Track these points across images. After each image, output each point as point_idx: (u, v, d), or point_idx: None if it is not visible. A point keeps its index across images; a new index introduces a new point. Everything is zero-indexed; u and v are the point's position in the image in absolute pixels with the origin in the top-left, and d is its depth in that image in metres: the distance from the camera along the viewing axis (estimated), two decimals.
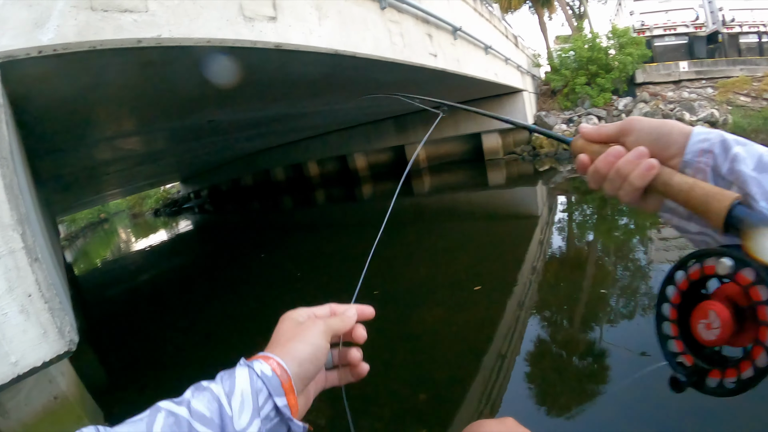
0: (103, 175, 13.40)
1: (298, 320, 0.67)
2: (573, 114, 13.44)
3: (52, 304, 2.16)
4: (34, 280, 2.10)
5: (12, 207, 2.10)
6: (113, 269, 14.27)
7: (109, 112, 5.14)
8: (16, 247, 2.08)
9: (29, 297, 2.09)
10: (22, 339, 2.10)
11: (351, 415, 0.72)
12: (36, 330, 2.12)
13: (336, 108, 10.01)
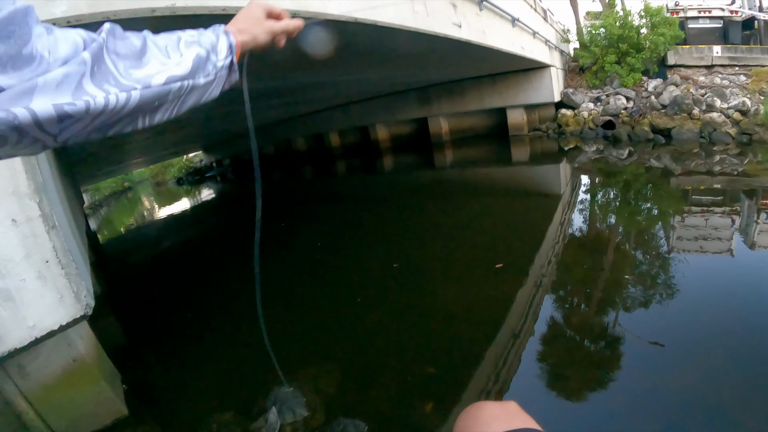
0: (126, 144, 13.53)
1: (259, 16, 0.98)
2: (601, 93, 13.03)
3: (69, 269, 2.20)
4: (51, 247, 2.14)
5: (29, 177, 2.13)
6: (136, 236, 14.52)
7: None
8: (33, 215, 2.11)
9: (46, 263, 2.13)
10: (39, 304, 2.15)
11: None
12: (53, 295, 2.17)
13: (357, 78, 9.90)
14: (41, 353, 3.10)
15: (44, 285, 2.14)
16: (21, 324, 2.16)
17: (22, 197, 2.09)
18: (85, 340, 3.53)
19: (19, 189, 2.09)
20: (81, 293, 2.25)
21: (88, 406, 3.37)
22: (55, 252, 2.15)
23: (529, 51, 10.44)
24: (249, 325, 4.97)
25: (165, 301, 6.37)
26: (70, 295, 2.20)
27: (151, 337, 5.13)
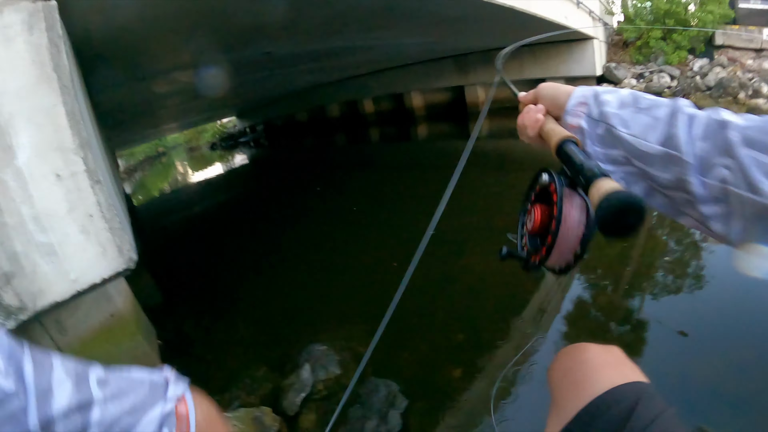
0: (161, 109, 13.70)
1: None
2: (645, 69, 12.49)
3: (112, 224, 2.23)
4: (95, 201, 2.17)
5: (74, 132, 2.14)
6: (170, 200, 14.80)
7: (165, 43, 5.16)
8: (78, 169, 2.14)
9: (90, 217, 2.17)
10: (81, 257, 2.19)
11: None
12: (95, 249, 2.20)
13: (395, 44, 9.77)
14: (79, 308, 3.19)
15: (87, 239, 2.18)
16: (63, 277, 2.20)
17: (66, 152, 2.11)
18: (122, 295, 3.63)
19: (63, 144, 2.11)
20: (124, 247, 2.28)
21: (123, 360, 3.48)
22: (99, 206, 2.18)
23: (572, 21, 10.09)
24: (282, 284, 5.07)
25: (199, 261, 6.50)
26: (113, 249, 2.24)
27: (185, 295, 5.26)
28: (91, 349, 3.33)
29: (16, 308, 2.16)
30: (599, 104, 0.73)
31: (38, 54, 2.11)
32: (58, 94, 2.12)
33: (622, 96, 0.73)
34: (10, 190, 2.06)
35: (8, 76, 2.06)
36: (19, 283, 2.14)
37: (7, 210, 2.06)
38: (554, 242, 0.69)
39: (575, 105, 0.78)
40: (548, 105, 0.84)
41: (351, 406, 2.61)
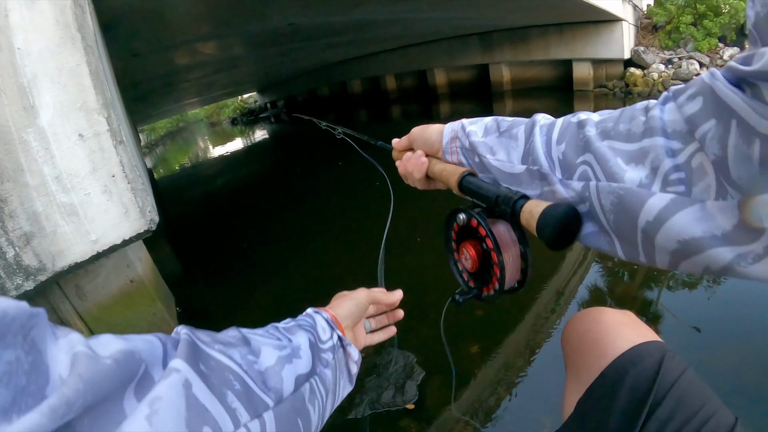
0: (182, 83, 13.73)
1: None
2: (674, 55, 12.11)
3: (135, 184, 2.23)
4: (118, 161, 2.16)
5: (98, 92, 2.13)
6: (190, 175, 14.89)
7: (187, 11, 5.13)
8: (101, 129, 2.13)
9: (113, 177, 2.16)
10: (103, 218, 2.19)
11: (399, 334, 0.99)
12: (117, 209, 2.20)
13: (420, 18, 9.63)
14: (99, 274, 3.22)
15: (109, 199, 2.18)
16: (84, 238, 2.21)
17: (90, 112, 2.10)
18: (143, 262, 3.66)
19: (87, 104, 2.10)
20: (146, 208, 2.28)
21: (142, 326, 3.53)
22: (121, 166, 2.17)
23: (602, 1, 9.84)
24: (302, 257, 5.08)
25: (219, 234, 6.54)
26: (135, 210, 2.24)
27: (204, 266, 5.30)
28: (110, 314, 3.37)
29: (35, 269, 2.18)
30: (467, 135, 0.74)
31: (62, 14, 2.09)
32: (82, 54, 2.10)
33: (486, 123, 0.74)
34: (32, 150, 2.06)
35: (32, 36, 2.05)
36: (38, 243, 2.15)
37: (29, 170, 2.07)
38: (503, 271, 0.69)
39: (448, 142, 0.78)
40: (424, 148, 0.85)
41: (368, 376, 2.61)
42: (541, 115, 0.67)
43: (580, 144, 0.56)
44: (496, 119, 0.73)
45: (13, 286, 2.14)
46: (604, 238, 0.55)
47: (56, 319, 3.19)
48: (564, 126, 0.60)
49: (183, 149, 26.91)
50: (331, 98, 23.58)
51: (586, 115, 0.59)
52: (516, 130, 0.67)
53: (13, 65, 2.02)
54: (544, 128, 0.63)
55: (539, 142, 0.61)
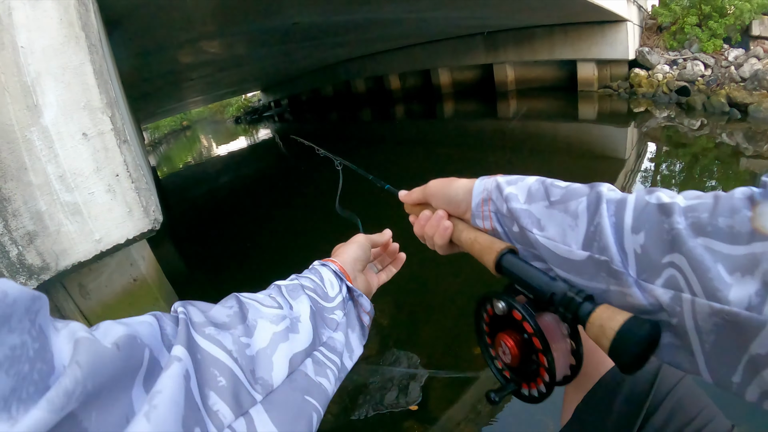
0: (186, 81, 13.76)
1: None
2: (678, 56, 12.05)
3: (139, 184, 2.23)
4: (122, 160, 2.16)
5: (102, 91, 2.13)
6: (194, 173, 14.93)
7: (192, 10, 5.13)
8: (105, 129, 2.12)
9: (116, 177, 2.16)
10: (107, 217, 2.19)
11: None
12: (121, 209, 2.20)
13: (424, 17, 9.62)
14: (103, 272, 3.23)
15: (113, 198, 2.18)
16: (87, 237, 2.21)
17: (94, 111, 2.10)
18: (146, 260, 3.66)
19: (91, 103, 2.10)
20: (150, 207, 2.28)
21: None
22: (125, 166, 2.17)
23: (607, 1, 9.82)
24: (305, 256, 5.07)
25: (222, 233, 6.55)
26: (139, 209, 2.23)
27: (207, 266, 5.32)
28: (114, 313, 3.38)
29: (38, 268, 2.17)
30: (505, 199, 0.62)
31: (66, 12, 2.09)
32: (86, 52, 2.10)
33: (529, 186, 0.61)
34: (36, 149, 2.06)
35: (35, 34, 2.04)
36: (42, 242, 2.15)
37: (32, 169, 2.07)
38: (552, 373, 0.58)
39: (479, 204, 0.66)
40: (446, 207, 0.72)
41: (371, 377, 2.60)
42: (604, 186, 0.55)
43: (666, 238, 0.45)
44: (543, 182, 0.61)
45: None
46: (685, 356, 0.46)
47: (59, 317, 3.19)
48: (640, 207, 0.49)
49: (187, 147, 27.02)
50: (334, 97, 23.61)
51: (669, 197, 0.48)
52: (574, 203, 0.55)
53: (16, 64, 2.02)
54: (611, 206, 0.51)
55: (607, 225, 0.50)
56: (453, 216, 0.72)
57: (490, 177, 0.67)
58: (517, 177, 0.64)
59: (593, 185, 0.55)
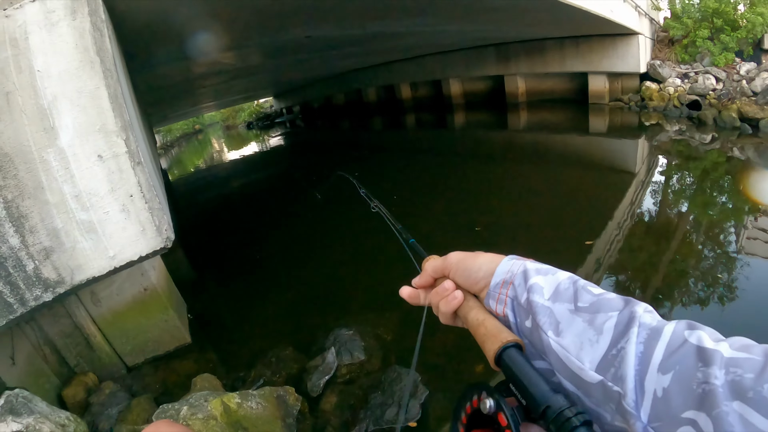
0: (200, 89, 13.90)
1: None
2: (690, 69, 11.94)
3: (152, 204, 2.31)
4: (136, 182, 2.25)
5: (116, 114, 2.22)
6: (205, 177, 15.06)
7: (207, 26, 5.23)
8: (120, 151, 2.21)
9: (130, 197, 2.25)
10: (121, 235, 2.28)
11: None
12: (135, 227, 2.29)
13: (437, 30, 9.68)
14: (114, 282, 3.32)
15: (127, 218, 2.26)
16: (102, 254, 2.30)
17: (109, 134, 2.19)
18: (157, 270, 3.76)
19: (106, 126, 2.19)
20: (162, 226, 2.36)
21: (154, 332, 3.63)
22: (139, 187, 2.25)
23: (618, 15, 9.83)
24: (313, 266, 5.14)
25: (232, 239, 6.63)
26: (151, 228, 2.32)
27: (217, 273, 5.39)
28: (124, 320, 3.48)
29: (54, 281, 2.26)
30: (528, 289, 0.57)
31: (81, 38, 2.18)
32: (101, 77, 2.19)
33: (559, 282, 0.56)
34: (53, 170, 2.15)
35: (52, 59, 2.13)
36: (58, 257, 2.24)
37: (49, 188, 2.16)
38: None
39: (498, 284, 0.61)
40: (462, 280, 0.66)
41: (372, 392, 2.65)
42: (641, 305, 0.49)
43: (696, 390, 0.39)
44: (575, 282, 0.55)
45: (32, 297, 2.23)
46: None
47: (71, 323, 3.30)
48: (675, 343, 0.43)
49: (198, 151, 27.25)
50: (346, 105, 23.72)
51: (713, 341, 0.42)
52: (602, 316, 0.49)
53: (33, 87, 2.11)
54: (644, 332, 0.45)
55: (632, 353, 0.44)
56: (465, 289, 0.67)
57: (521, 259, 0.62)
58: (548, 268, 0.59)
59: (629, 301, 0.50)
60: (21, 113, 2.09)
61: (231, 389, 3.05)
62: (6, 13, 2.06)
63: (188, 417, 2.28)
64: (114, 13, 3.09)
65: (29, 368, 2.96)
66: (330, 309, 4.05)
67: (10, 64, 2.08)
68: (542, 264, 0.60)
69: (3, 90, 2.07)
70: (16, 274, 2.18)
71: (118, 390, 3.13)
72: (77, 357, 3.39)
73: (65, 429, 2.27)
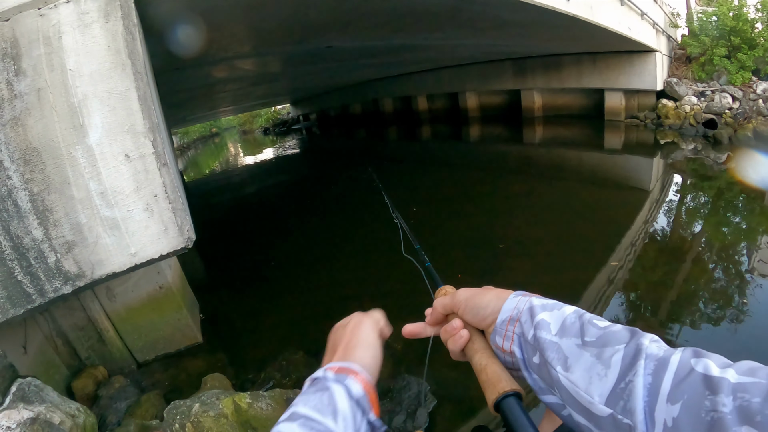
0: (219, 93, 14.03)
1: (345, 325, 0.80)
2: (706, 88, 11.82)
3: (176, 204, 2.36)
4: (161, 182, 2.30)
5: (145, 116, 2.28)
6: (220, 179, 15.17)
7: (232, 33, 5.31)
8: (147, 152, 2.27)
9: (155, 197, 2.30)
10: (143, 234, 2.33)
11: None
12: (157, 227, 2.34)
13: (455, 44, 9.74)
14: (131, 278, 3.39)
15: (150, 217, 2.31)
16: (123, 251, 2.35)
17: (137, 135, 2.25)
18: (172, 269, 3.82)
19: (135, 127, 2.25)
20: (185, 227, 2.42)
21: (166, 330, 3.69)
22: (164, 187, 2.31)
23: (635, 32, 9.84)
24: (327, 273, 5.17)
25: (245, 242, 6.68)
26: (174, 228, 2.37)
27: (230, 274, 5.44)
28: (137, 316, 3.55)
29: (74, 275, 2.32)
30: (535, 325, 0.58)
31: (114, 40, 2.25)
32: (131, 79, 2.25)
33: (565, 317, 0.57)
34: (80, 166, 2.21)
35: (84, 59, 2.20)
36: (80, 252, 2.30)
37: (75, 184, 2.22)
38: None
39: (505, 321, 0.62)
40: (470, 317, 0.68)
41: (381, 400, 2.67)
42: (647, 337, 0.50)
43: (705, 418, 0.40)
44: (581, 316, 0.56)
45: (52, 288, 2.29)
46: None
47: (85, 316, 3.36)
48: (682, 373, 0.44)
49: (214, 154, 27.47)
50: (363, 115, 23.83)
51: (719, 369, 0.43)
52: (609, 350, 0.50)
53: (64, 85, 2.17)
54: (651, 363, 0.46)
55: (640, 386, 0.45)
56: (473, 327, 0.68)
57: (526, 295, 0.63)
58: (554, 303, 0.60)
59: (635, 333, 0.51)
60: (51, 110, 2.16)
61: (240, 389, 3.09)
62: (41, 11, 2.13)
63: (200, 414, 2.31)
64: (145, 17, 3.17)
65: (40, 358, 3.02)
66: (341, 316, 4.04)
67: (42, 62, 2.14)
68: (548, 299, 0.62)
69: (35, 86, 2.13)
70: (37, 265, 2.24)
71: (127, 385, 3.18)
72: (89, 350, 3.46)
73: (75, 420, 2.31)
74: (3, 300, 2.19)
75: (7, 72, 2.08)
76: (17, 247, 2.18)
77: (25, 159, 2.14)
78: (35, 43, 2.13)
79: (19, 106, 2.11)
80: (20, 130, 2.11)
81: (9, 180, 2.12)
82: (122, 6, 2.26)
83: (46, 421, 2.09)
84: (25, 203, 2.17)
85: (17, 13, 2.09)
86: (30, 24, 2.11)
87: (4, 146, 2.10)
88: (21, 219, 2.17)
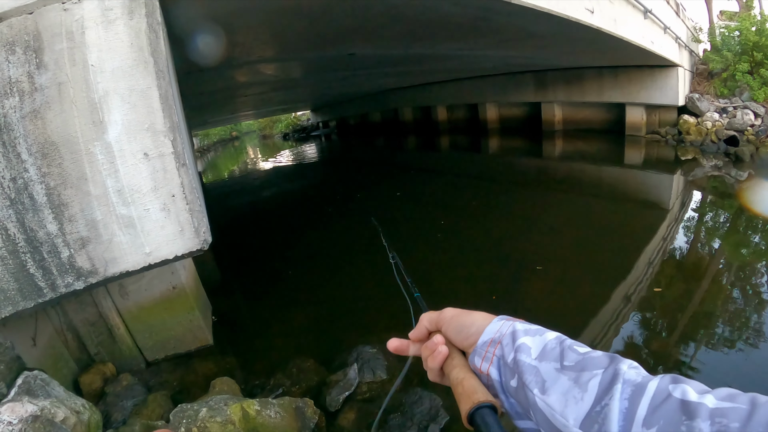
0: (241, 97, 14.13)
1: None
2: (729, 104, 11.58)
3: (193, 205, 2.33)
4: (179, 183, 2.27)
5: (165, 115, 2.26)
6: (238, 182, 15.26)
7: (256, 37, 5.32)
8: (166, 151, 2.24)
9: (172, 197, 2.27)
10: (159, 233, 2.30)
11: None
12: (174, 227, 2.31)
13: (477, 54, 9.71)
14: (144, 277, 3.37)
15: (167, 217, 2.29)
16: (138, 250, 2.32)
17: (156, 133, 2.23)
18: (186, 270, 3.80)
19: (155, 126, 2.22)
20: (201, 229, 2.39)
21: (177, 330, 3.67)
22: (182, 188, 2.28)
23: (658, 46, 9.71)
24: (341, 281, 5.13)
25: (260, 247, 6.67)
26: (190, 229, 2.34)
27: (244, 278, 5.42)
28: (149, 315, 3.53)
29: (87, 271, 2.30)
30: (516, 349, 0.58)
31: (137, 38, 2.23)
32: (153, 77, 2.23)
33: (546, 341, 0.57)
34: (98, 163, 2.19)
35: (106, 55, 2.19)
36: (94, 248, 2.28)
37: (92, 180, 2.20)
38: None
39: (486, 343, 0.62)
40: (453, 336, 0.67)
41: (392, 413, 2.61)
42: (625, 363, 0.50)
43: None
44: (562, 342, 0.56)
45: (63, 283, 2.27)
46: None
47: (96, 312, 3.36)
48: (659, 398, 0.44)
49: (233, 157, 27.71)
50: (382, 124, 23.89)
51: (697, 394, 0.42)
52: (587, 374, 0.50)
53: (85, 80, 2.16)
54: (628, 388, 0.46)
55: (616, 410, 0.45)
56: (454, 345, 0.67)
57: (510, 320, 0.63)
58: (537, 328, 0.60)
59: (614, 359, 0.51)
60: (71, 104, 2.15)
61: (249, 395, 3.05)
62: (65, 6, 2.12)
63: (207, 419, 2.27)
64: (169, 17, 3.17)
65: (49, 351, 3.01)
66: (354, 327, 4.03)
67: (64, 56, 2.13)
68: (531, 324, 0.62)
69: (56, 80, 2.12)
70: (50, 259, 2.23)
71: (135, 383, 3.16)
72: (98, 346, 3.45)
73: (80, 416, 2.28)
74: (14, 292, 2.18)
75: (28, 65, 2.07)
76: (31, 240, 2.17)
77: (43, 152, 2.12)
78: (58, 37, 2.12)
79: (39, 99, 2.10)
80: (39, 123, 2.10)
81: (26, 173, 2.11)
82: (147, 4, 2.25)
83: (48, 419, 2.06)
84: (41, 197, 2.15)
85: (41, 6, 2.08)
86: (53, 18, 2.10)
87: (23, 139, 2.09)
88: (36, 212, 2.15)
